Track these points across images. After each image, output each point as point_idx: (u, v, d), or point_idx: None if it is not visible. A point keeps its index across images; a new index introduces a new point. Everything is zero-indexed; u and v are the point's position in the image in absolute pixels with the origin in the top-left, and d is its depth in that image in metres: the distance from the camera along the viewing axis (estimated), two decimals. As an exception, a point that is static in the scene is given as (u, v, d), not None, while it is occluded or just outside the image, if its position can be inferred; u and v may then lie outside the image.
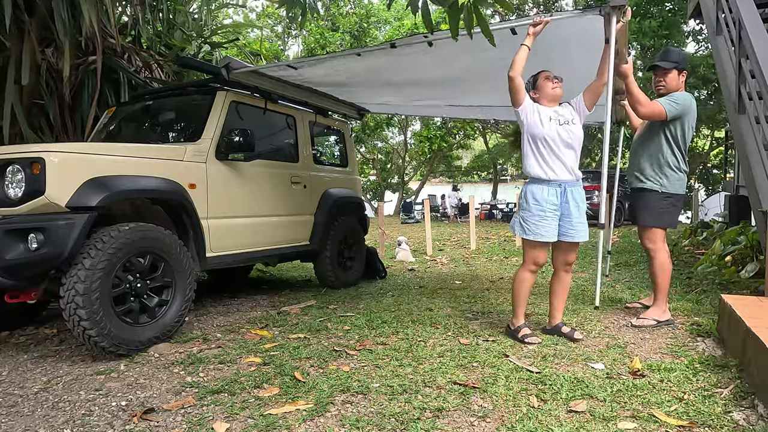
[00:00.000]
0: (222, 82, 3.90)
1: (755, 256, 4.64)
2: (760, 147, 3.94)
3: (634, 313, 3.74)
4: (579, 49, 3.50)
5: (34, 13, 4.53)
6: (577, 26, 3.23)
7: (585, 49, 3.43)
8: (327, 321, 3.62)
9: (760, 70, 3.76)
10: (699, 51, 15.56)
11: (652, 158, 3.40)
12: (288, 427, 1.98)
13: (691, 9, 7.27)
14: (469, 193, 15.71)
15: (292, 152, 4.56)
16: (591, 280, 5.27)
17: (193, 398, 2.27)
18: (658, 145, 3.37)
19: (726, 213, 7.39)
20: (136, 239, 2.89)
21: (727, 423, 1.96)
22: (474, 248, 8.67)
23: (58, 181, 2.66)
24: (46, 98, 4.80)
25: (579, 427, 1.93)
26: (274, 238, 4.18)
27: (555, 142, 2.99)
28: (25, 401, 2.30)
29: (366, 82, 4.52)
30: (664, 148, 3.35)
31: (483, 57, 3.64)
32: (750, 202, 4.24)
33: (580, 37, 3.33)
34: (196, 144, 3.53)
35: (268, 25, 21.12)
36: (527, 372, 2.51)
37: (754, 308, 2.82)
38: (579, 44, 3.43)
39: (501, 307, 4.01)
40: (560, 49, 3.53)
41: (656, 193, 3.37)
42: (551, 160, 3.01)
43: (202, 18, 6.86)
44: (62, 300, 2.67)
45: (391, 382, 2.41)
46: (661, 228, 3.43)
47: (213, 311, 4.04)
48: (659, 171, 3.37)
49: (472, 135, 23.08)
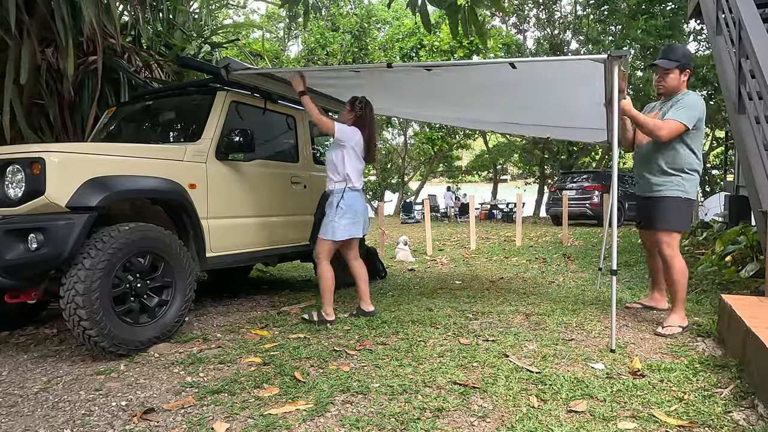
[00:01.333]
0: (222, 82, 3.90)
1: (755, 256, 4.64)
2: (760, 147, 3.94)
3: (633, 313, 3.75)
4: (580, 83, 3.57)
5: (34, 13, 4.53)
6: (577, 67, 3.30)
7: (586, 83, 3.50)
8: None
9: (760, 70, 3.76)
10: (699, 51, 15.56)
11: (668, 164, 3.27)
12: (288, 427, 1.98)
13: (692, 9, 7.27)
14: (470, 193, 15.71)
15: (292, 152, 4.56)
16: (591, 280, 5.27)
17: (193, 398, 2.27)
18: (674, 150, 3.25)
19: (726, 213, 7.39)
20: (136, 239, 2.89)
21: (727, 423, 1.96)
22: (474, 248, 8.67)
23: (58, 181, 2.66)
24: (46, 98, 4.80)
25: (579, 427, 1.93)
26: (274, 238, 4.18)
27: None
28: (25, 401, 2.31)
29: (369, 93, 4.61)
30: (682, 152, 3.24)
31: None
32: (750, 202, 4.24)
33: (581, 73, 3.37)
34: (196, 144, 3.53)
35: (270, 27, 21.12)
36: (527, 372, 2.51)
37: (754, 308, 2.82)
38: (579, 79, 3.48)
39: (501, 307, 4.01)
40: (561, 83, 3.67)
41: (679, 198, 3.27)
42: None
43: (202, 18, 6.87)
44: (62, 300, 2.66)
45: (391, 382, 2.41)
46: (681, 232, 3.38)
47: (213, 311, 4.05)
48: (680, 175, 3.26)
49: (472, 135, 23.10)
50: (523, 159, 22.74)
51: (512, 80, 3.56)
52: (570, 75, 3.45)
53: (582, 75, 3.31)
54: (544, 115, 4.84)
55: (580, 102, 4.02)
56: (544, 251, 7.94)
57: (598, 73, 3.12)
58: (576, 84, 3.57)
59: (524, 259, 7.18)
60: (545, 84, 3.72)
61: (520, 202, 9.82)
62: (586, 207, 13.37)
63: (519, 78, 3.44)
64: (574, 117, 4.64)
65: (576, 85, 3.61)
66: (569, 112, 4.50)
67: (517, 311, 3.86)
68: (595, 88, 3.46)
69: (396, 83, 4.09)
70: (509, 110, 4.84)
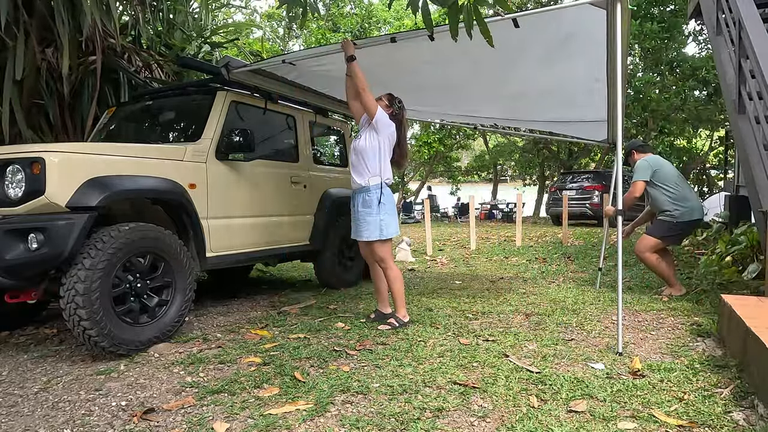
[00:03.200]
0: (222, 82, 3.90)
1: (755, 257, 4.64)
2: (760, 147, 3.94)
3: (633, 313, 3.75)
4: (580, 51, 3.52)
5: (34, 13, 4.53)
6: (578, 23, 3.22)
7: (586, 51, 3.46)
8: (327, 321, 3.62)
9: (760, 70, 3.76)
10: (699, 52, 15.56)
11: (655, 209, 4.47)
12: (288, 427, 1.98)
13: (692, 9, 7.27)
14: (470, 193, 15.69)
15: (292, 152, 4.56)
16: (591, 280, 5.27)
17: (193, 398, 2.27)
18: (652, 198, 4.42)
19: (726, 213, 7.39)
20: (136, 239, 2.89)
21: (727, 423, 1.96)
22: (474, 248, 8.66)
23: (58, 180, 2.66)
24: (46, 98, 4.80)
25: (579, 427, 1.93)
26: (274, 238, 4.18)
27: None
28: (25, 401, 2.30)
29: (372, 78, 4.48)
30: (662, 198, 4.33)
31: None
32: (750, 202, 4.24)
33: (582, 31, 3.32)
34: (196, 144, 3.53)
35: (270, 27, 21.12)
36: (527, 372, 2.51)
37: (754, 308, 2.82)
38: (580, 44, 3.43)
39: (501, 307, 4.01)
40: (561, 50, 3.55)
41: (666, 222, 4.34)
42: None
43: (202, 18, 6.86)
44: (62, 300, 2.66)
45: (391, 382, 2.41)
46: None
47: (213, 311, 4.04)
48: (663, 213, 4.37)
49: (471, 135, 23.07)
50: (523, 159, 22.73)
51: (513, 44, 3.38)
52: (571, 36, 3.36)
53: (583, 37, 3.28)
54: (543, 105, 4.75)
55: (579, 79, 3.95)
56: (544, 251, 7.94)
57: (598, 25, 3.09)
58: (576, 52, 3.53)
59: (524, 259, 7.18)
60: (547, 50, 3.58)
61: (520, 202, 9.82)
62: (586, 207, 13.37)
63: (520, 40, 3.32)
64: (574, 105, 4.57)
65: (577, 54, 3.56)
66: (569, 96, 4.39)
67: (517, 311, 3.86)
68: (596, 56, 3.43)
69: (398, 69, 3.98)
70: (507, 100, 4.75)
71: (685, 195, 4.29)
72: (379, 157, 3.32)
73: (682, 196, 4.27)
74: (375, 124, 3.31)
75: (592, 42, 3.32)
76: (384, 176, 3.36)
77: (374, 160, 3.32)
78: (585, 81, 3.94)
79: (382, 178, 3.35)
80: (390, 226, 3.34)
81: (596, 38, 3.25)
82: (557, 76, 4.02)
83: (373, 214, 3.31)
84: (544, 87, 4.29)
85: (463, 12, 2.19)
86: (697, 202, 4.38)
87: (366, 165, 3.34)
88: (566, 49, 3.55)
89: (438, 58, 3.76)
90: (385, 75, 4.05)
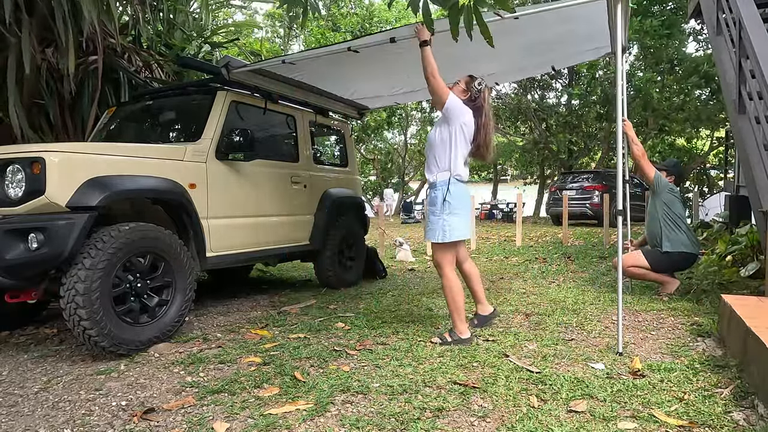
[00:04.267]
0: (222, 81, 3.90)
1: (755, 256, 4.64)
2: (760, 147, 3.94)
3: (633, 313, 3.74)
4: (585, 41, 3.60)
5: (34, 12, 4.53)
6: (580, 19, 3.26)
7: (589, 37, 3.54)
8: (327, 321, 3.62)
9: (760, 70, 3.75)
10: (699, 51, 15.54)
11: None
12: (288, 427, 1.98)
13: (692, 9, 7.27)
14: (469, 193, 15.62)
15: (293, 152, 4.56)
16: (591, 280, 5.27)
17: (193, 398, 2.27)
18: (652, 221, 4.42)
19: (726, 213, 7.39)
20: (136, 239, 2.89)
21: (727, 423, 1.96)
22: (474, 248, 8.66)
23: (58, 180, 2.66)
24: (47, 98, 4.80)
25: (579, 427, 1.93)
26: (274, 238, 4.18)
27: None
28: (25, 401, 2.31)
29: (367, 73, 4.43)
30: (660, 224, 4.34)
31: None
32: (750, 202, 4.24)
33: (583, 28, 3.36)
34: (196, 144, 3.54)
35: (271, 27, 21.12)
36: (527, 372, 2.51)
37: (754, 308, 2.82)
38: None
39: (501, 307, 4.00)
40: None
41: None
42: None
43: (202, 18, 6.86)
44: (62, 300, 2.67)
45: (391, 382, 2.41)
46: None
47: (213, 311, 4.05)
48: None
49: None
50: (523, 158, 22.71)
51: (515, 32, 3.33)
52: (573, 24, 3.34)
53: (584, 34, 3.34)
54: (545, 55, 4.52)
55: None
56: (544, 251, 7.94)
57: (600, 18, 3.10)
58: (581, 41, 3.59)
59: (524, 259, 7.17)
60: (547, 33, 3.57)
61: (520, 202, 9.81)
62: (586, 207, 13.36)
63: (520, 29, 3.29)
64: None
65: (582, 41, 3.64)
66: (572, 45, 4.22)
67: (517, 311, 3.86)
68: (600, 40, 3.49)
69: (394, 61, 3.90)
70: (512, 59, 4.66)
71: (680, 227, 4.24)
72: (450, 150, 3.00)
73: (677, 227, 4.24)
74: (445, 113, 3.00)
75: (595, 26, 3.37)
76: (454, 172, 3.02)
77: (444, 154, 3.02)
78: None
79: (452, 173, 3.02)
80: (455, 228, 3.01)
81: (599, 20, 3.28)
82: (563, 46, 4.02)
83: (437, 213, 3.03)
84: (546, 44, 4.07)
85: (463, 12, 2.18)
86: (690, 238, 4.26)
87: (435, 159, 3.06)
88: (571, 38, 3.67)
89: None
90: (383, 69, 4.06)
